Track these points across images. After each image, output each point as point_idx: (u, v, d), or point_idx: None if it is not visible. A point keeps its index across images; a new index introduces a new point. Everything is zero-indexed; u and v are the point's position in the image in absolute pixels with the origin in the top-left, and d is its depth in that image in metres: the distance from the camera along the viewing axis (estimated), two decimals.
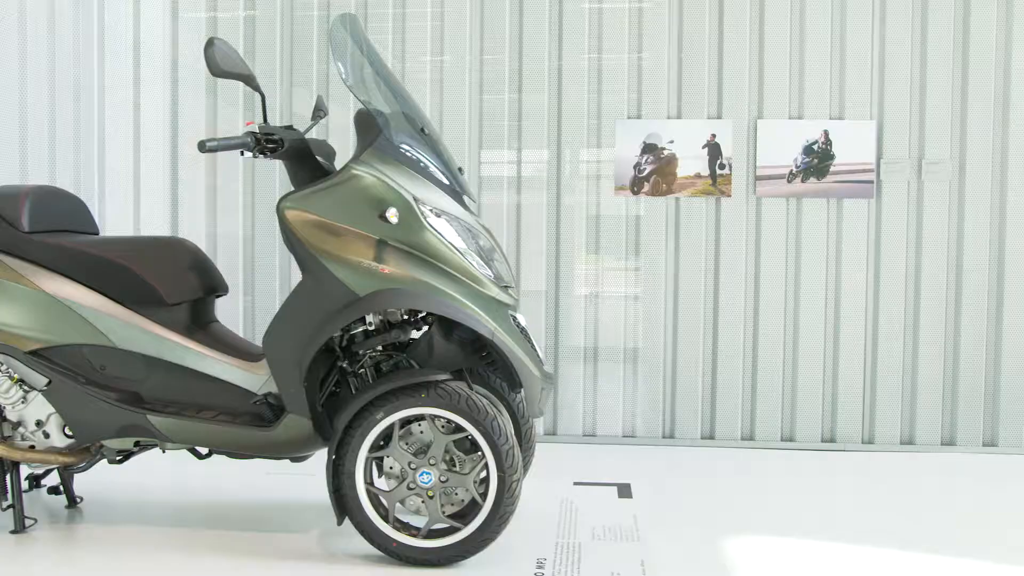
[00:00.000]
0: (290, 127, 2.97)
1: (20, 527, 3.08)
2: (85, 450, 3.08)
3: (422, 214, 2.80)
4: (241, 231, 4.97)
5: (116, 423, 2.95)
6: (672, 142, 4.79)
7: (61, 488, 3.37)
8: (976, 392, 4.65)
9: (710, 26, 4.74)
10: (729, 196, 4.75)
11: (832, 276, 4.70)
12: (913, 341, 4.68)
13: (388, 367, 2.97)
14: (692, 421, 4.78)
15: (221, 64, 2.76)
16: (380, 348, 2.96)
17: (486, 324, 2.77)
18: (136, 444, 3.01)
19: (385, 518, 2.83)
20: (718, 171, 4.77)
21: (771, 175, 4.73)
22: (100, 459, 3.07)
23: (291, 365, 2.82)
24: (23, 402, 3.03)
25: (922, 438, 4.67)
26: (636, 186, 4.81)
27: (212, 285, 3.06)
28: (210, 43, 2.75)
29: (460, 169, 3.00)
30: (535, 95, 4.83)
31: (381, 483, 2.93)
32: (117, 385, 3.00)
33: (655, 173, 4.81)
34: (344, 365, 2.97)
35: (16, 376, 3.02)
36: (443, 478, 2.79)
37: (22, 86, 4.29)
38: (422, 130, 2.93)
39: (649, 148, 4.81)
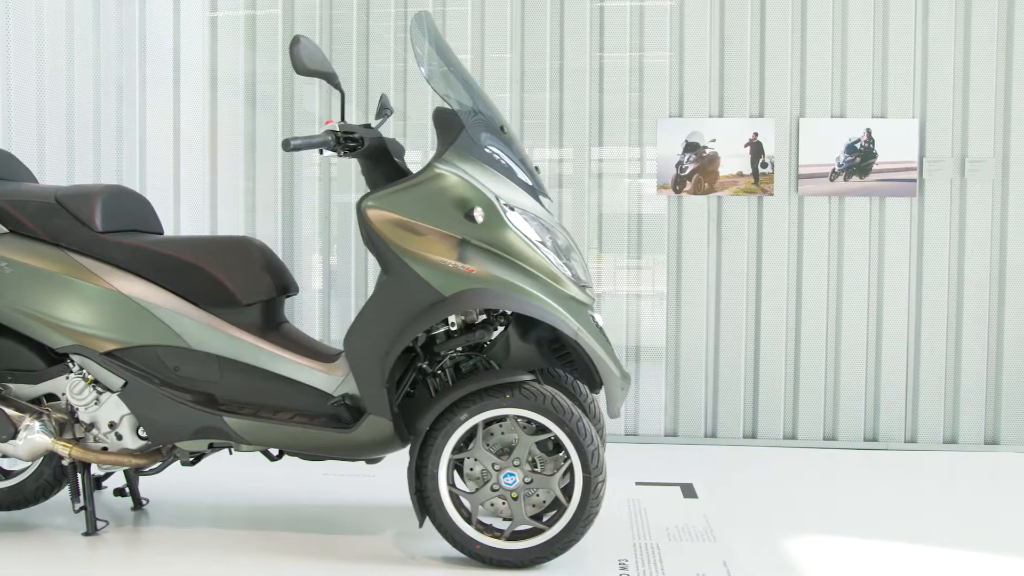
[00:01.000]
0: (368, 126, 2.94)
1: (92, 529, 3.05)
2: (156, 452, 3.05)
3: (504, 213, 2.78)
4: (280, 233, 4.94)
5: (192, 425, 2.92)
6: (714, 141, 4.78)
7: (127, 490, 3.34)
8: (1020, 391, 4.66)
9: (752, 24, 4.73)
10: (771, 195, 4.75)
11: (875, 275, 4.70)
12: (956, 340, 4.68)
13: (467, 368, 2.95)
14: (734, 420, 4.78)
15: (306, 62, 2.74)
16: (459, 349, 2.93)
17: (570, 324, 2.76)
18: (209, 446, 2.98)
19: (467, 520, 2.80)
20: (760, 170, 4.77)
21: (813, 174, 4.73)
22: (173, 461, 3.04)
23: (374, 366, 2.80)
24: (96, 404, 2.99)
25: (965, 437, 4.67)
26: (678, 185, 4.80)
27: (284, 285, 3.04)
28: (295, 41, 2.73)
29: (536, 168, 2.98)
30: (576, 93, 4.81)
31: (461, 485, 2.91)
32: (191, 386, 2.97)
33: (697, 172, 4.80)
34: (424, 366, 2.95)
35: (91, 378, 2.98)
36: (527, 479, 2.77)
37: (69, 87, 4.25)
38: (501, 128, 2.91)
39: (691, 147, 4.80)
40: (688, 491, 3.64)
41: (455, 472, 2.89)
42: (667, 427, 4.79)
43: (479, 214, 2.73)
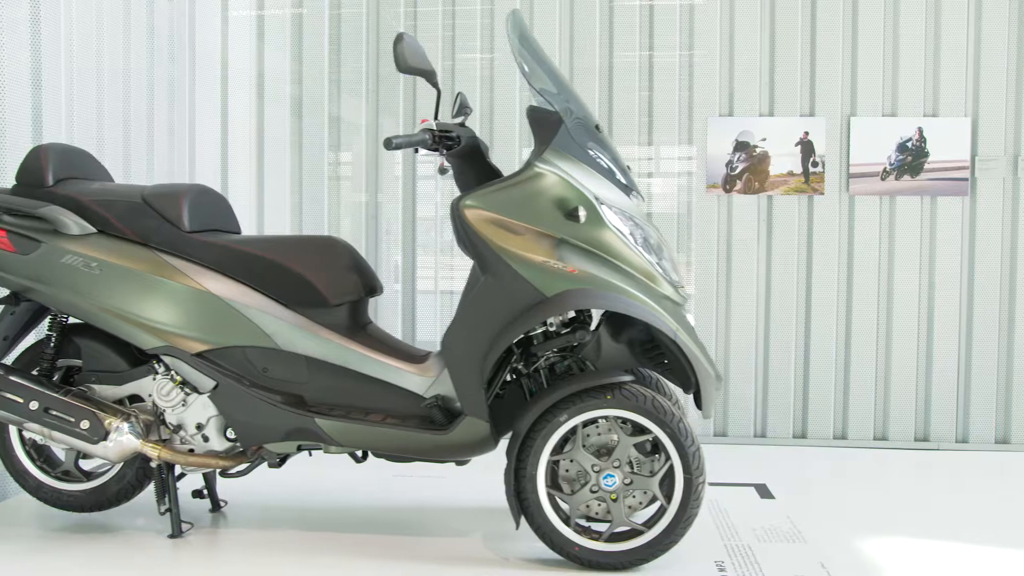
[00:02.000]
0: (462, 124, 2.92)
1: (177, 531, 3.02)
2: (241, 454, 3.02)
3: (603, 212, 2.76)
4: (326, 231, 4.91)
5: (283, 426, 2.89)
6: (764, 140, 4.77)
7: (205, 492, 3.30)
8: None
9: (802, 22, 4.72)
10: (822, 194, 4.74)
11: (926, 274, 4.70)
12: (1008, 339, 4.68)
13: (562, 368, 2.93)
14: (784, 420, 4.77)
15: (409, 60, 2.72)
16: (555, 349, 2.91)
17: (669, 324, 2.74)
18: (298, 448, 2.95)
19: (565, 522, 2.79)
20: (811, 169, 4.76)
21: (864, 173, 4.73)
22: (260, 463, 3.01)
23: (472, 367, 2.77)
24: (183, 405, 2.96)
25: (1017, 437, 4.67)
26: (728, 184, 4.79)
27: (371, 285, 3.01)
28: (399, 39, 2.71)
29: (628, 167, 2.96)
30: (626, 92, 4.80)
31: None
32: (280, 388, 2.94)
33: (747, 171, 4.79)
34: (519, 367, 2.93)
35: (179, 379, 2.95)
36: (627, 480, 2.76)
37: (126, 89, 4.21)
38: (596, 127, 2.89)
39: (741, 146, 4.79)
40: (763, 492, 3.63)
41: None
42: (717, 427, 4.78)
43: (583, 214, 2.71)
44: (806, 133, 4.76)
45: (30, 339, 3.36)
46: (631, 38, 4.79)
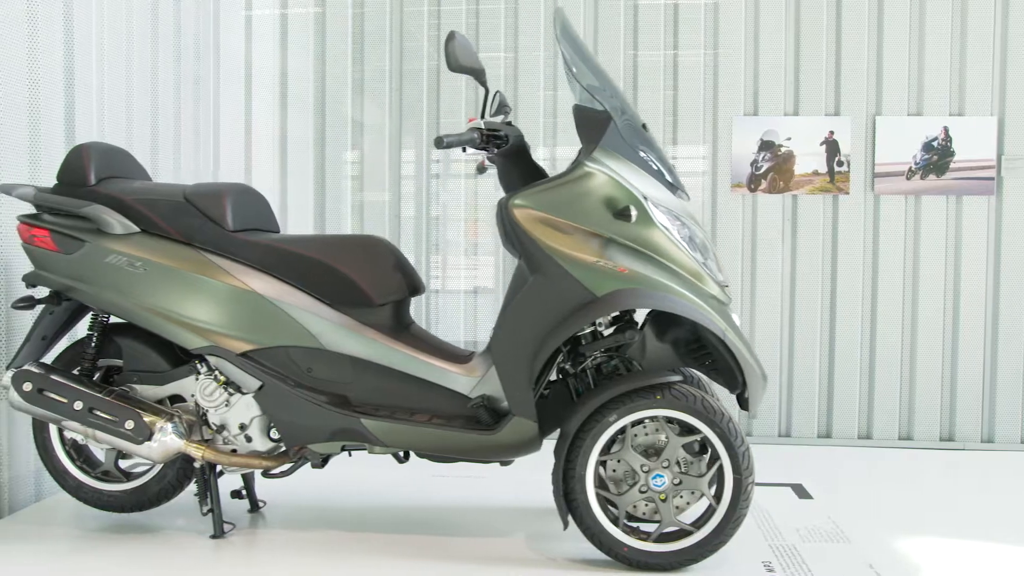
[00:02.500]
0: (510, 123, 2.91)
1: (219, 532, 3.00)
2: (284, 454, 3.01)
3: (652, 212, 2.75)
4: (351, 231, 4.90)
5: (329, 427, 2.87)
6: (789, 139, 4.77)
7: (244, 492, 3.29)
8: None
9: (827, 20, 4.72)
10: (847, 193, 4.74)
11: (951, 274, 4.70)
12: None
13: (609, 368, 2.92)
14: (809, 419, 4.77)
15: (460, 58, 2.71)
16: (602, 349, 2.90)
17: (718, 323, 2.73)
18: (342, 448, 2.94)
19: (614, 522, 2.78)
20: (836, 168, 4.76)
21: (889, 172, 4.72)
22: (303, 463, 2.99)
23: (521, 367, 2.76)
24: (227, 405, 2.95)
25: None
26: (753, 183, 4.79)
27: (414, 285, 2.99)
28: (451, 37, 2.70)
29: (672, 165, 2.95)
30: (650, 91, 4.79)
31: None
32: (324, 388, 2.92)
33: (772, 170, 4.78)
34: (567, 366, 2.92)
35: (222, 379, 2.93)
36: (676, 480, 2.75)
37: (153, 85, 4.20)
38: (643, 126, 2.88)
39: (766, 145, 4.78)
40: (800, 492, 3.63)
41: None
42: (741, 426, 4.78)
43: (635, 213, 2.70)
44: (831, 132, 4.75)
45: (65, 340, 3.33)
46: (655, 37, 4.78)
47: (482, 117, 2.89)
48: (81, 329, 3.36)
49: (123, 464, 3.22)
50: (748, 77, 4.78)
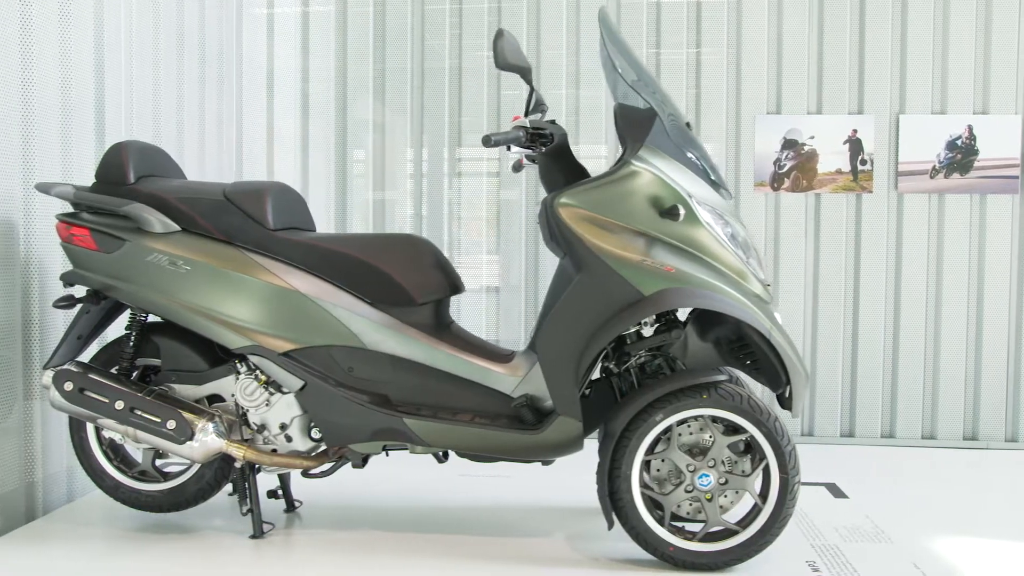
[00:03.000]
0: (553, 122, 2.90)
1: (259, 532, 2.99)
2: (324, 453, 3.00)
3: (697, 210, 2.74)
4: (373, 230, 4.89)
5: (371, 426, 2.86)
6: (813, 138, 4.76)
7: (280, 492, 3.27)
8: None
9: (851, 19, 4.71)
10: (870, 192, 4.73)
11: (975, 272, 4.69)
12: None
13: (652, 368, 2.91)
14: (831, 419, 4.76)
15: (508, 56, 2.70)
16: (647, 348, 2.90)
17: (763, 322, 2.73)
18: (383, 448, 2.93)
19: (659, 522, 2.77)
20: (859, 167, 4.75)
21: (913, 171, 4.72)
22: (343, 463, 2.98)
23: (567, 366, 2.75)
24: (267, 405, 2.93)
25: None
26: (776, 182, 4.78)
27: (454, 284, 2.98)
28: (499, 35, 2.68)
29: (715, 164, 2.95)
30: (673, 90, 4.78)
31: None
32: (365, 387, 2.91)
33: (795, 169, 4.78)
34: (611, 365, 2.91)
35: (263, 378, 2.92)
36: (722, 480, 2.74)
37: (179, 86, 4.18)
38: (687, 124, 2.87)
39: (789, 144, 4.78)
40: (835, 491, 3.62)
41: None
42: None
43: (681, 212, 2.69)
44: (854, 131, 4.75)
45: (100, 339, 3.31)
46: (678, 36, 4.78)
47: (526, 115, 2.88)
48: (111, 330, 3.34)
49: (157, 464, 3.20)
50: (771, 75, 4.77)
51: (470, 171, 4.92)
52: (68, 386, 2.90)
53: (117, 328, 3.35)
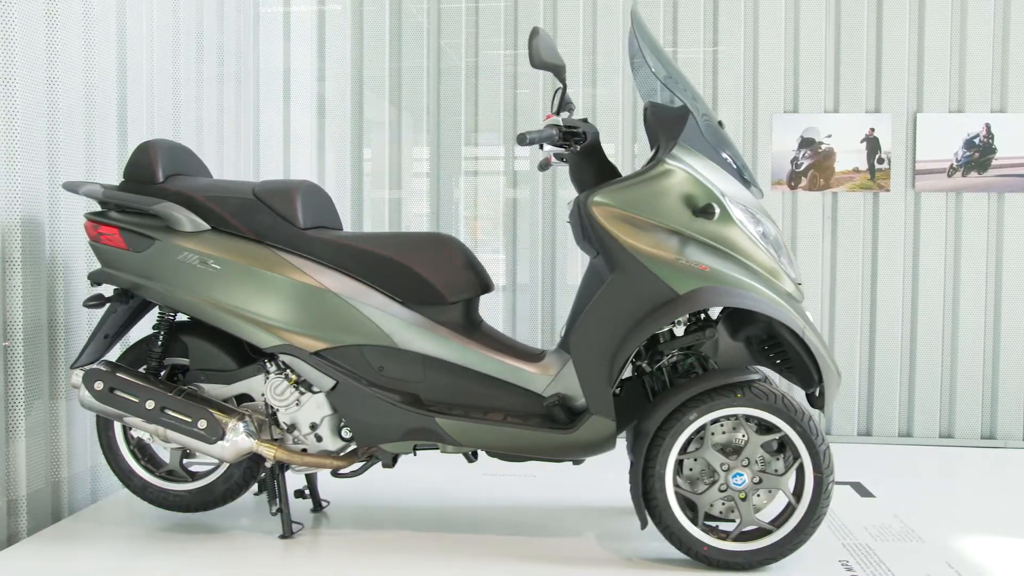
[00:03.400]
0: (585, 120, 2.89)
1: (288, 532, 2.98)
2: (353, 453, 2.99)
3: (731, 209, 2.74)
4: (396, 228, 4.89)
5: (403, 426, 2.85)
6: (830, 136, 4.76)
7: (307, 492, 3.26)
8: None
9: (868, 16, 4.70)
10: (888, 191, 4.73)
11: (992, 270, 4.69)
12: None
13: (685, 367, 2.90)
14: (848, 417, 4.75)
15: (543, 55, 2.69)
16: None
17: (797, 321, 2.72)
18: (414, 447, 2.92)
19: (692, 521, 2.76)
20: (877, 165, 4.75)
21: (931, 169, 4.71)
22: (373, 463, 2.97)
23: (601, 365, 2.74)
24: (297, 405, 2.92)
25: None
26: (793, 181, 4.78)
27: (484, 283, 2.97)
28: (535, 33, 2.68)
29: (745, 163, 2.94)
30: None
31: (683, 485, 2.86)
32: (396, 387, 2.90)
33: (812, 168, 4.77)
34: (643, 364, 2.90)
35: (293, 378, 2.91)
36: (756, 479, 2.73)
37: (199, 85, 4.17)
38: (720, 123, 2.87)
39: (806, 142, 4.77)
40: (861, 490, 3.61)
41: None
42: None
43: (716, 211, 2.68)
44: (872, 129, 4.74)
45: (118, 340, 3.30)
46: (695, 34, 4.77)
47: (557, 113, 2.87)
48: (135, 331, 3.33)
49: (183, 463, 3.19)
50: (788, 74, 4.76)
51: (486, 170, 4.91)
52: (98, 385, 2.89)
53: (139, 328, 3.33)
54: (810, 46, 4.72)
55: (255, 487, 3.40)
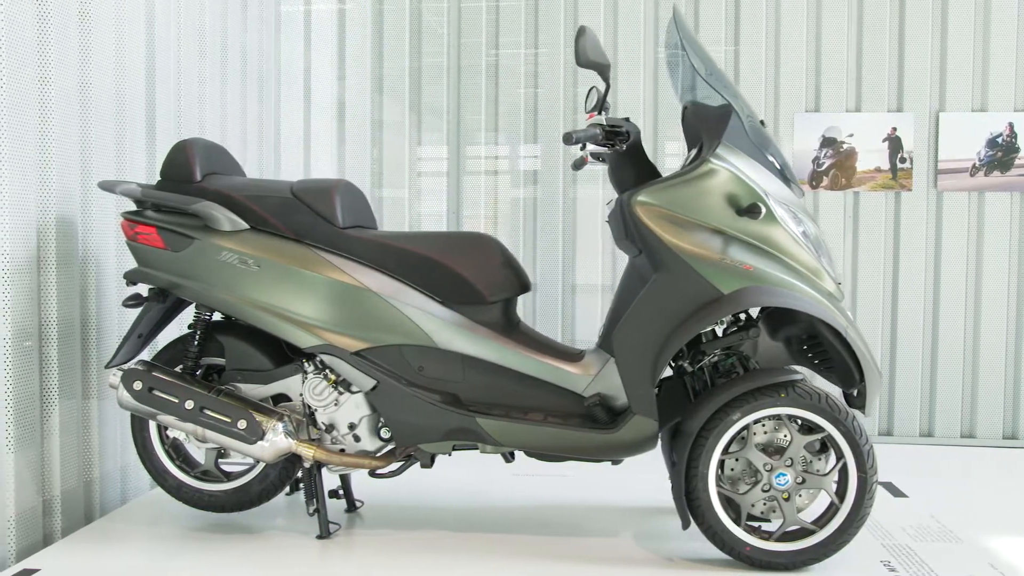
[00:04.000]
0: (627, 119, 2.88)
1: (326, 532, 2.97)
2: (391, 453, 2.98)
3: (774, 209, 2.73)
4: (408, 225, 4.87)
5: (443, 426, 2.84)
6: (851, 136, 4.75)
7: (341, 492, 3.25)
8: None
9: (890, 15, 4.70)
10: (910, 190, 4.72)
11: (1015, 271, 4.69)
12: None
13: (725, 366, 2.89)
14: (869, 417, 4.73)
15: (589, 54, 2.68)
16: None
17: (840, 321, 2.71)
18: (452, 448, 2.91)
19: (735, 521, 2.75)
20: (899, 165, 4.74)
21: (953, 169, 4.71)
22: (412, 463, 2.96)
23: (644, 365, 2.73)
24: (336, 405, 2.91)
25: None
26: (815, 180, 4.77)
27: (523, 283, 2.96)
28: (581, 32, 2.67)
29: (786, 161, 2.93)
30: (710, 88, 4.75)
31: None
32: (436, 387, 2.88)
33: (834, 167, 4.77)
34: (685, 364, 2.89)
35: (333, 377, 2.90)
36: (799, 479, 2.73)
37: (223, 84, 4.15)
38: (761, 122, 2.86)
39: (828, 142, 4.77)
40: (893, 490, 3.61)
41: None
42: None
43: (762, 210, 2.67)
44: (894, 129, 4.74)
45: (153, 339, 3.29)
46: (716, 33, 4.76)
47: (600, 112, 2.86)
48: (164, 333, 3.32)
49: (225, 466, 3.18)
50: (810, 73, 4.76)
51: (505, 169, 4.89)
52: (137, 385, 2.87)
53: (169, 328, 3.32)
54: (832, 45, 4.72)
55: (290, 488, 3.39)
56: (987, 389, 4.69)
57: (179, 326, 3.71)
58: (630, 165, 2.93)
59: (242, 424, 2.83)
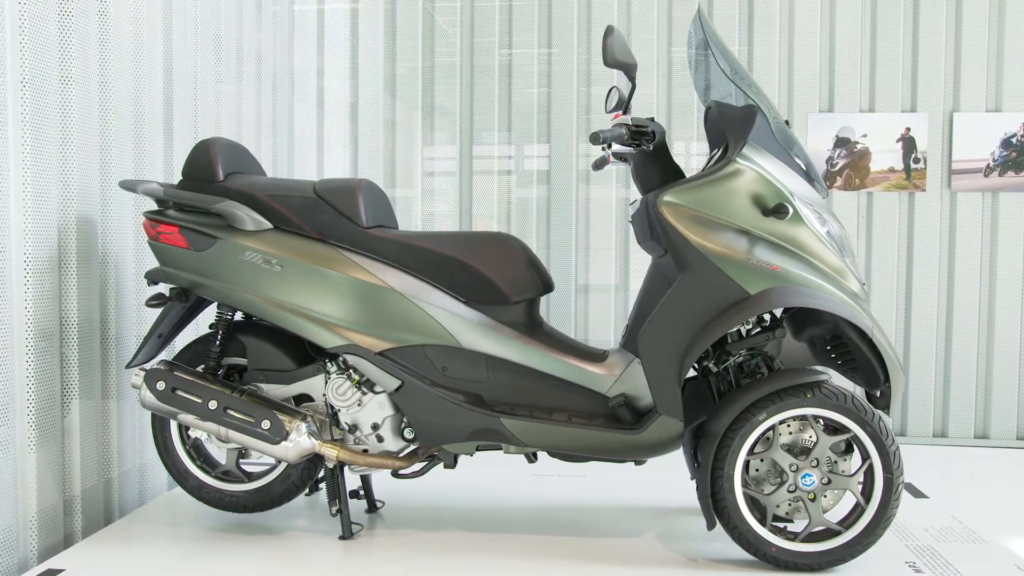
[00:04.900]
0: (652, 119, 2.87)
1: (348, 533, 2.96)
2: (414, 454, 2.97)
3: (800, 209, 2.72)
4: (420, 225, 4.86)
5: (468, 426, 2.83)
6: (865, 136, 4.74)
7: (362, 492, 3.24)
8: None
9: (904, 16, 4.69)
10: (923, 191, 4.72)
11: None
12: None
13: (750, 367, 2.88)
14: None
15: (617, 54, 2.67)
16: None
17: (865, 321, 2.71)
18: (476, 448, 2.90)
19: (760, 522, 2.75)
20: (912, 165, 4.73)
21: (967, 169, 4.70)
22: (435, 464, 2.95)
23: (670, 365, 2.73)
24: (359, 405, 2.90)
25: None
26: (828, 180, 4.76)
27: (547, 283, 2.95)
28: (609, 31, 2.66)
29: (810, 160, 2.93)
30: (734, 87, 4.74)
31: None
32: (460, 387, 2.88)
33: (848, 167, 4.76)
34: (710, 364, 2.88)
35: (356, 378, 2.89)
36: (825, 480, 2.72)
37: (239, 83, 4.14)
38: (786, 122, 2.85)
39: (842, 142, 4.76)
40: (913, 491, 3.60)
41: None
42: None
43: (789, 211, 2.66)
44: (907, 129, 4.73)
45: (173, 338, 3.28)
46: (730, 33, 4.75)
47: (625, 112, 2.85)
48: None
49: (246, 466, 3.17)
50: (823, 73, 4.75)
51: (518, 168, 4.88)
52: (160, 385, 2.86)
53: (186, 329, 3.31)
54: (845, 45, 4.71)
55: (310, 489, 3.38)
56: (1001, 390, 4.69)
57: (195, 327, 3.70)
58: (655, 165, 2.92)
59: (266, 424, 2.82)
